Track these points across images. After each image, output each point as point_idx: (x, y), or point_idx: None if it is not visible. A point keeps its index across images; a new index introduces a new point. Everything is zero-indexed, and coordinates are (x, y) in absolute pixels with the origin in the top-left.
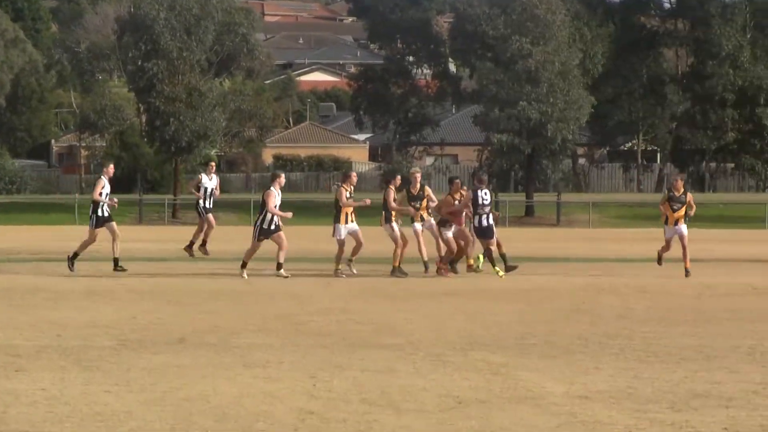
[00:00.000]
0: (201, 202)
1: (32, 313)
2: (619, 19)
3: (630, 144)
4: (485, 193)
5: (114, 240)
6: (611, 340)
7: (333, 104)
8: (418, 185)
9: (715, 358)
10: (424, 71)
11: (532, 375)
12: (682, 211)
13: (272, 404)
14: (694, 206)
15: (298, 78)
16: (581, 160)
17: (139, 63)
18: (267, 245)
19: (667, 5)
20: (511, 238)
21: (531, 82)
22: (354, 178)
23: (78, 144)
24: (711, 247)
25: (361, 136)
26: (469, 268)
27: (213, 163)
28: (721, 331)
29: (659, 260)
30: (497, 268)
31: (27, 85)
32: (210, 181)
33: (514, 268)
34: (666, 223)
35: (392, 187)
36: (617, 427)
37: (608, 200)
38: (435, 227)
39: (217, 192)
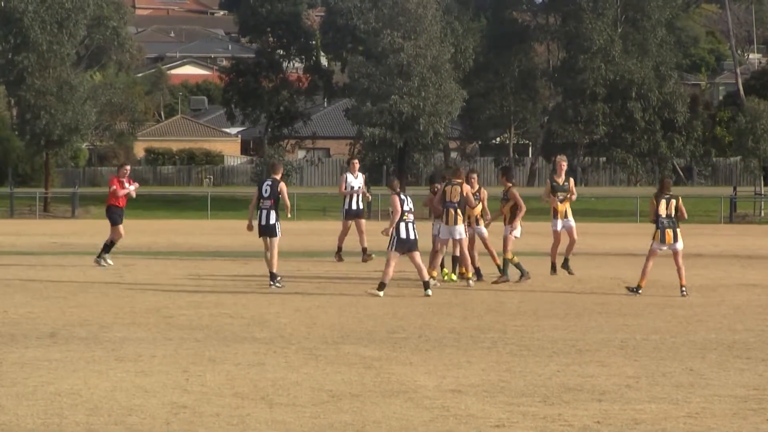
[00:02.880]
0: (346, 204)
1: None
2: (490, 14)
3: (502, 138)
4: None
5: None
6: (483, 333)
7: (204, 98)
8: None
9: (587, 352)
10: (296, 65)
11: (404, 369)
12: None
13: (145, 398)
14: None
15: (169, 71)
16: (453, 154)
17: (9, 56)
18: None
19: (538, 0)
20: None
21: (403, 76)
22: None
23: None
24: (582, 240)
25: (233, 130)
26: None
27: (356, 161)
28: (593, 325)
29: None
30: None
31: None
32: (356, 180)
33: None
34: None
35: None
36: (490, 420)
37: None
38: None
39: (368, 194)
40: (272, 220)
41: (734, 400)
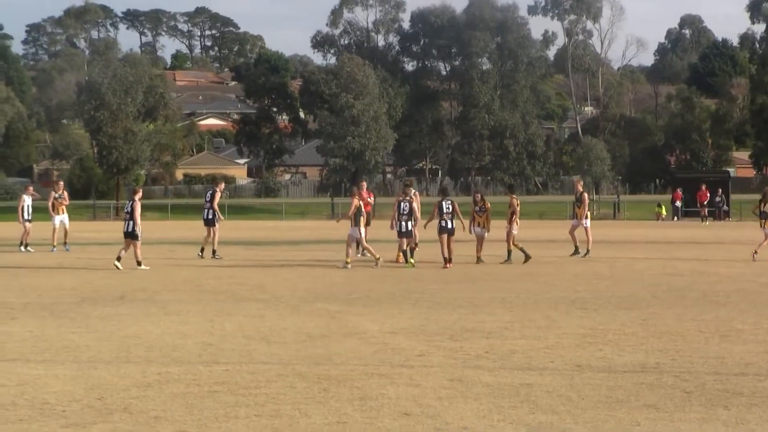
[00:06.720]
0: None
1: (20, 280)
2: (412, 82)
3: (421, 164)
4: (449, 204)
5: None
6: (410, 294)
7: (222, 140)
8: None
9: (479, 305)
10: (283, 117)
11: (357, 318)
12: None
13: (184, 339)
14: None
15: (198, 122)
16: (389, 176)
17: (92, 113)
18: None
19: (443, 72)
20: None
21: (354, 123)
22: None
23: (51, 167)
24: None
25: (242, 161)
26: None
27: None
28: (484, 288)
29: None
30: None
31: (16, 128)
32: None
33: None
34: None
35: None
36: (414, 351)
37: None
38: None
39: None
40: (211, 215)
41: (577, 336)
